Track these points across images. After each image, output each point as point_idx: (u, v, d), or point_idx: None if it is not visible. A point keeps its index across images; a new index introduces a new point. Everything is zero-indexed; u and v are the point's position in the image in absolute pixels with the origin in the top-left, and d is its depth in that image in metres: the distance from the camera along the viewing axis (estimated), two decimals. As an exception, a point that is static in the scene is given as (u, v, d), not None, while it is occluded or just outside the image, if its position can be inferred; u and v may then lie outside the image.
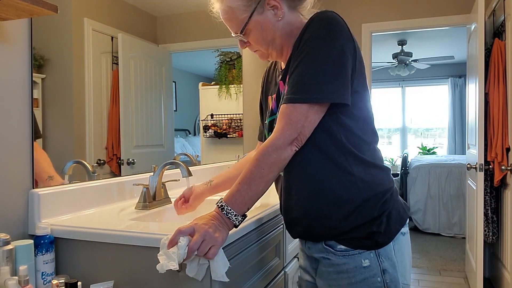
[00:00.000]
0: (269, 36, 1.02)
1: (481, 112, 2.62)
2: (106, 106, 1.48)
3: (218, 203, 0.95)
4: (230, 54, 2.45)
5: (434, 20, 3.54)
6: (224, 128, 2.37)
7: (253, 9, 0.99)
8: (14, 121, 1.13)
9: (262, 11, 1.00)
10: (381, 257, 0.97)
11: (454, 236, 4.50)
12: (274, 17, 1.01)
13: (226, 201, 0.94)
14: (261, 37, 1.03)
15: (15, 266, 1.00)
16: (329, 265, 1.01)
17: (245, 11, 1.00)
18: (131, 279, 1.04)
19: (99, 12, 1.44)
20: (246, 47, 1.08)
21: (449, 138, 7.24)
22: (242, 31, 1.02)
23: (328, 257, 1.01)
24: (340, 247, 1.00)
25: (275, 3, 0.99)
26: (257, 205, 1.40)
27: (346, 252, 0.99)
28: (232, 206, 0.94)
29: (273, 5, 0.99)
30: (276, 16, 1.01)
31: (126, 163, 1.58)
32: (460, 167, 4.59)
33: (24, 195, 1.15)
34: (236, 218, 0.94)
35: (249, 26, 1.01)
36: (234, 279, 1.07)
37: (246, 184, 0.94)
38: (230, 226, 0.95)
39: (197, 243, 0.87)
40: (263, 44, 1.04)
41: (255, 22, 1.01)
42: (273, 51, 1.06)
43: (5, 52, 1.10)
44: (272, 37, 1.02)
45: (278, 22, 1.01)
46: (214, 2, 1.05)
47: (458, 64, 7.05)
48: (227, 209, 0.94)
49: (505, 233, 2.71)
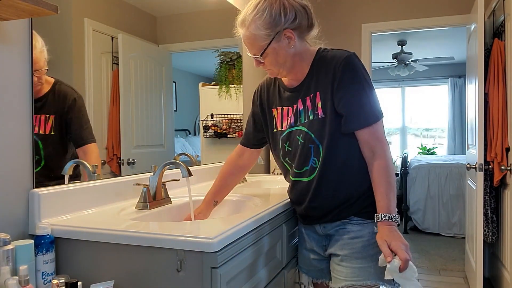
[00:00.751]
0: (281, 60, 1.25)
1: (480, 112, 2.62)
2: (106, 106, 1.48)
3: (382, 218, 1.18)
4: (230, 54, 2.45)
5: (434, 20, 3.54)
6: (224, 128, 2.37)
7: (272, 38, 1.21)
8: (14, 121, 1.13)
9: (279, 40, 1.22)
10: None
11: (454, 236, 4.50)
12: (288, 46, 1.23)
13: (389, 212, 1.18)
14: (275, 60, 1.25)
15: (16, 266, 1.00)
16: (345, 232, 1.28)
17: (266, 39, 1.21)
18: (131, 279, 1.04)
19: (99, 12, 1.44)
20: (260, 66, 1.29)
21: (448, 138, 7.24)
22: (261, 54, 1.24)
23: (345, 227, 1.29)
24: (356, 218, 1.28)
25: (290, 35, 1.22)
26: (258, 204, 1.40)
27: (361, 221, 1.27)
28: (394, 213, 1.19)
29: (288, 36, 1.22)
30: (289, 45, 1.23)
31: (126, 163, 1.59)
32: (460, 167, 4.59)
33: (24, 195, 1.15)
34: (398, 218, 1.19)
35: (267, 51, 1.23)
36: (234, 279, 1.07)
37: (391, 191, 1.20)
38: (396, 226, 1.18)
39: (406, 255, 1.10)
40: (276, 66, 1.27)
41: (272, 48, 1.23)
42: (283, 71, 1.29)
43: (5, 52, 1.10)
44: (284, 61, 1.26)
45: (291, 49, 1.24)
46: (239, 28, 1.26)
47: (458, 64, 7.05)
48: (393, 217, 1.17)
49: (504, 233, 2.72)
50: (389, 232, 1.15)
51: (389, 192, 1.19)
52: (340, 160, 1.26)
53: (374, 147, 1.23)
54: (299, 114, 1.31)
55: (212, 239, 0.96)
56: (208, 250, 0.96)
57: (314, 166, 1.29)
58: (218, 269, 0.98)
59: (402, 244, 1.11)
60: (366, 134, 1.23)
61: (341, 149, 1.26)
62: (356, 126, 1.23)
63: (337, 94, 1.23)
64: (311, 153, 1.28)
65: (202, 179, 2.03)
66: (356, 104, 1.22)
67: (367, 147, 1.24)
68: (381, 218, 1.17)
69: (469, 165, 2.84)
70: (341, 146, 1.26)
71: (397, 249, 1.10)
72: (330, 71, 1.24)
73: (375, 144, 1.23)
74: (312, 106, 1.28)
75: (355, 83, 1.22)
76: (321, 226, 1.34)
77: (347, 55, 1.23)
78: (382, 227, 1.17)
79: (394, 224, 1.17)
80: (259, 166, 2.86)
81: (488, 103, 2.80)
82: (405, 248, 1.10)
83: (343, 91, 1.22)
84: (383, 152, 1.22)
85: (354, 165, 1.26)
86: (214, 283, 0.97)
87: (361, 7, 3.67)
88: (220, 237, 0.98)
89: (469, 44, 3.18)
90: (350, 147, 1.26)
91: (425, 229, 4.64)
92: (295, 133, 1.31)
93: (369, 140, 1.23)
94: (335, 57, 1.24)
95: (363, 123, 1.22)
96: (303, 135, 1.29)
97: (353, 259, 1.25)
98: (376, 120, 1.23)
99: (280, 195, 1.57)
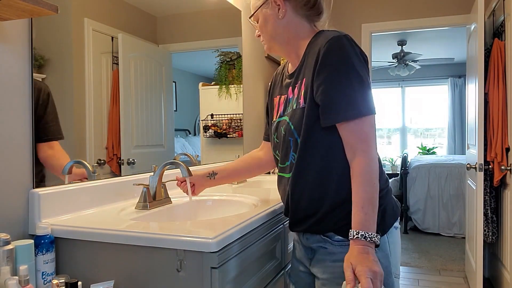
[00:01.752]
0: (270, 29, 1.19)
1: (480, 112, 2.62)
2: (106, 106, 1.48)
3: (354, 236, 0.98)
4: (230, 54, 2.45)
5: (434, 20, 3.54)
6: (224, 128, 2.38)
7: (263, 2, 1.18)
8: (15, 121, 1.13)
9: (268, 6, 1.18)
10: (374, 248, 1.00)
11: (454, 236, 4.51)
12: (277, 14, 1.17)
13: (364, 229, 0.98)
14: (265, 28, 1.20)
15: (15, 266, 1.00)
16: (326, 253, 1.11)
17: (257, 1, 1.19)
18: (131, 279, 1.04)
19: (99, 12, 1.44)
20: (258, 35, 1.25)
21: (448, 138, 7.24)
22: (251, 16, 1.22)
23: (325, 246, 1.12)
24: (337, 237, 1.10)
25: (279, 4, 1.16)
26: (257, 205, 1.40)
27: (343, 242, 1.08)
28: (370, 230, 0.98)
29: (278, 4, 1.16)
30: (278, 14, 1.17)
31: (126, 163, 1.59)
32: (460, 167, 4.59)
33: (24, 195, 1.15)
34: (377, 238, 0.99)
35: (257, 15, 1.20)
36: (234, 279, 1.07)
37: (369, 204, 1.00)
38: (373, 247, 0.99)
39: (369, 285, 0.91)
40: (266, 35, 1.21)
41: (262, 14, 1.19)
42: (275, 45, 1.21)
43: (6, 52, 1.10)
44: (273, 31, 1.19)
45: (280, 20, 1.17)
46: None
47: (458, 64, 7.05)
48: (369, 235, 0.98)
49: (504, 233, 2.72)
50: (358, 253, 0.96)
51: (366, 205, 0.99)
52: (319, 158, 1.09)
53: (354, 147, 1.04)
54: (288, 103, 1.18)
55: (212, 239, 0.96)
56: (208, 250, 0.96)
57: (293, 161, 1.14)
58: (218, 269, 0.98)
59: (369, 271, 0.92)
60: (346, 130, 1.04)
61: (320, 146, 1.09)
62: (332, 120, 1.04)
63: (316, 80, 1.06)
64: (290, 147, 1.15)
65: (202, 179, 2.02)
66: (335, 94, 1.03)
67: (348, 146, 1.05)
68: (353, 235, 0.98)
69: (469, 165, 2.84)
70: (320, 142, 1.09)
71: (360, 276, 0.92)
72: (315, 54, 1.08)
73: (356, 144, 1.03)
74: (297, 94, 1.14)
75: (338, 69, 1.03)
76: (303, 236, 1.19)
77: (335, 35, 1.05)
78: (352, 246, 0.98)
79: (369, 244, 0.97)
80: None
81: (488, 103, 2.81)
82: (371, 276, 0.92)
83: (322, 77, 1.04)
84: (364, 155, 1.02)
85: (335, 168, 1.08)
86: (214, 283, 0.97)
87: (361, 7, 3.67)
88: (220, 237, 0.98)
89: (469, 44, 3.18)
90: (331, 145, 1.08)
91: (425, 229, 4.64)
92: (281, 123, 1.18)
93: (349, 138, 1.04)
94: (323, 39, 1.08)
95: (340, 117, 1.03)
96: (285, 126, 1.16)
97: (334, 284, 1.09)
98: (358, 115, 1.02)
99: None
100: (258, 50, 2.96)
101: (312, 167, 1.10)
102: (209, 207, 1.60)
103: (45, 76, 1.23)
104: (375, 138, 1.05)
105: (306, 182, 1.11)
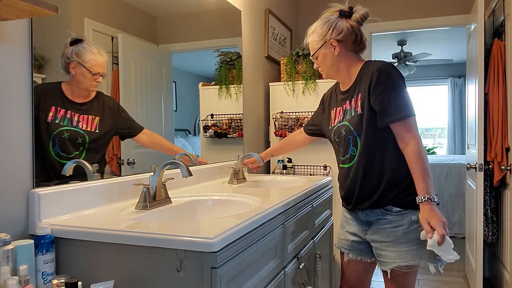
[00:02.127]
0: (328, 62, 1.60)
1: (480, 112, 2.62)
2: (106, 106, 1.48)
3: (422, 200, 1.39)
4: (230, 54, 2.45)
5: (434, 20, 3.54)
6: (224, 128, 2.38)
7: (322, 45, 1.58)
8: (15, 121, 1.13)
9: (327, 47, 1.57)
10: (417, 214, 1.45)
11: (454, 236, 4.51)
12: (333, 52, 1.57)
13: (427, 193, 1.39)
14: (323, 63, 1.61)
15: (16, 266, 1.00)
16: (386, 222, 1.51)
17: (318, 44, 1.59)
18: (131, 279, 1.04)
19: (99, 12, 1.44)
20: (317, 67, 1.66)
21: (448, 138, 7.24)
22: (312, 55, 1.63)
23: (385, 217, 1.51)
24: (396, 209, 1.49)
25: (335, 45, 1.56)
26: (258, 205, 1.40)
27: (400, 212, 1.49)
28: (432, 194, 1.39)
29: (334, 45, 1.56)
30: (334, 52, 1.56)
31: (126, 163, 1.59)
32: (460, 167, 4.59)
33: (24, 195, 1.15)
34: (437, 198, 1.40)
35: (317, 54, 1.61)
36: (234, 279, 1.07)
37: (426, 175, 1.41)
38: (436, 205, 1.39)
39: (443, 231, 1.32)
40: (324, 68, 1.63)
41: (322, 53, 1.59)
42: (331, 73, 1.63)
43: (6, 52, 1.10)
44: (331, 64, 1.59)
45: (336, 56, 1.57)
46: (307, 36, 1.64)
47: (458, 64, 7.05)
48: (432, 197, 1.38)
49: (504, 233, 2.72)
50: (429, 211, 1.36)
51: (425, 176, 1.40)
52: (376, 150, 1.50)
53: (406, 138, 1.45)
54: (346, 112, 1.59)
55: (212, 239, 0.96)
56: (208, 250, 0.96)
57: (353, 154, 1.55)
58: (218, 269, 0.98)
59: (440, 222, 1.32)
60: (399, 127, 1.46)
61: (377, 141, 1.50)
62: (389, 120, 1.46)
63: (372, 94, 1.47)
64: (350, 143, 1.56)
65: (202, 179, 2.03)
66: (388, 102, 1.45)
67: (401, 139, 1.47)
68: (421, 199, 1.39)
69: (469, 165, 2.84)
70: (377, 138, 1.50)
71: (435, 226, 1.32)
72: (369, 77, 1.49)
73: (407, 136, 1.45)
74: (354, 105, 1.54)
75: (387, 85, 1.46)
76: (363, 213, 1.57)
77: (383, 64, 1.50)
78: (422, 207, 1.39)
79: (434, 204, 1.37)
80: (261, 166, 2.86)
81: (488, 103, 2.80)
82: (442, 225, 1.32)
83: (377, 92, 1.46)
84: (415, 142, 1.43)
85: (389, 157, 1.49)
86: (214, 283, 0.97)
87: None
88: (220, 237, 0.98)
89: (469, 44, 3.18)
90: (385, 140, 1.49)
91: (425, 229, 4.64)
92: (341, 127, 1.59)
93: (402, 132, 1.46)
94: (374, 66, 1.50)
95: (394, 117, 1.45)
96: (345, 128, 1.56)
97: (397, 244, 1.48)
98: (406, 115, 1.45)
99: (280, 195, 1.57)
100: (258, 50, 2.96)
101: (371, 157, 1.50)
102: (209, 207, 1.60)
103: (45, 76, 1.23)
104: (418, 132, 1.48)
105: (367, 168, 1.51)
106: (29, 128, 1.17)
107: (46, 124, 1.24)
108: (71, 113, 1.34)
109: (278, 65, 3.34)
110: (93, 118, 1.43)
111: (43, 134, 1.24)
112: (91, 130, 1.42)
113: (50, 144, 1.27)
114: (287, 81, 3.01)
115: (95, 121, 1.43)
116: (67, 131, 1.33)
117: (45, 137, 1.25)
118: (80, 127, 1.37)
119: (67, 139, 1.32)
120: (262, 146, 3.03)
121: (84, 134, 1.39)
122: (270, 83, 3.09)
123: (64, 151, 1.31)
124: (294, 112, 2.96)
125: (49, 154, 1.26)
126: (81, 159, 1.37)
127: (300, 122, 2.90)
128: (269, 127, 3.11)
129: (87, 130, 1.40)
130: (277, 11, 3.34)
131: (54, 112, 1.28)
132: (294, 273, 1.55)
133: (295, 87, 2.99)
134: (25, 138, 1.16)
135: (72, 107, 1.35)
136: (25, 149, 1.16)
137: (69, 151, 1.33)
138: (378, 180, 1.50)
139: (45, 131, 1.24)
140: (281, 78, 3.07)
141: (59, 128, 1.29)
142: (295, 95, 2.99)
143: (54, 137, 1.27)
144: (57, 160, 1.28)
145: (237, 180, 2.08)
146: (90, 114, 1.41)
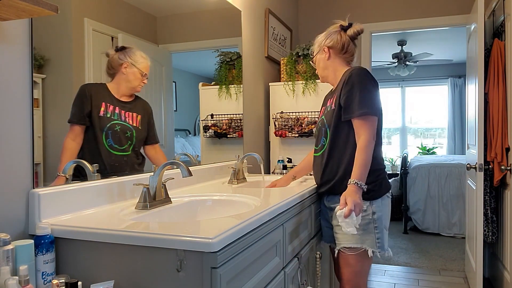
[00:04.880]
0: (322, 66, 1.86)
1: (480, 112, 2.62)
2: (106, 106, 1.48)
3: (350, 182, 1.57)
4: (230, 54, 2.45)
5: (434, 20, 3.54)
6: (224, 128, 2.37)
7: (318, 51, 1.86)
8: (15, 121, 1.13)
9: (322, 53, 1.84)
10: (372, 205, 1.66)
11: (454, 236, 4.51)
12: (325, 57, 1.83)
13: (357, 179, 1.57)
14: (319, 67, 1.88)
15: (16, 266, 1.00)
16: None
17: (316, 50, 1.87)
18: (131, 279, 1.04)
19: (99, 12, 1.44)
20: (316, 72, 1.91)
21: (448, 138, 7.24)
22: (311, 60, 1.92)
23: None
24: None
25: (326, 51, 1.82)
26: (257, 205, 1.40)
27: None
28: (361, 180, 1.57)
29: (325, 51, 1.82)
30: (325, 57, 1.83)
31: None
32: (460, 167, 4.59)
33: (24, 195, 1.15)
34: (365, 187, 1.58)
35: (315, 59, 1.89)
36: (234, 279, 1.07)
37: (363, 166, 1.59)
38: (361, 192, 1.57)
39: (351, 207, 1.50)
40: (319, 71, 1.89)
41: (318, 58, 1.87)
42: (324, 76, 1.88)
43: (6, 52, 1.10)
44: (323, 68, 1.85)
45: (327, 61, 1.83)
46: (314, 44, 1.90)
47: (457, 64, 7.05)
48: (359, 183, 1.56)
49: (504, 233, 2.72)
50: (351, 191, 1.55)
51: (362, 166, 1.59)
52: (339, 142, 1.71)
53: (360, 133, 1.63)
54: (326, 109, 1.83)
55: (212, 239, 0.96)
56: (208, 250, 0.96)
57: (323, 144, 1.78)
58: (218, 269, 0.98)
59: (354, 201, 1.51)
60: (357, 123, 1.65)
61: (341, 134, 1.70)
62: (349, 116, 1.66)
63: (342, 92, 1.68)
64: (322, 134, 1.79)
65: (202, 179, 2.03)
66: (352, 100, 1.64)
67: (357, 134, 1.65)
68: (351, 182, 1.58)
69: (469, 165, 2.84)
70: (341, 131, 1.70)
71: (348, 202, 1.51)
72: (344, 79, 1.71)
73: (361, 131, 1.63)
74: (331, 103, 1.78)
75: (354, 85, 1.65)
76: (326, 199, 1.82)
77: (358, 67, 1.71)
78: (349, 187, 1.57)
79: (358, 188, 1.56)
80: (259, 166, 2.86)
81: (488, 103, 2.80)
82: (354, 203, 1.51)
83: (345, 90, 1.67)
84: (365, 138, 1.61)
85: (349, 149, 1.68)
86: (214, 283, 0.97)
87: (361, 7, 3.67)
88: (220, 237, 0.98)
89: (469, 44, 3.18)
90: (347, 134, 1.69)
91: (425, 229, 4.64)
92: (320, 121, 1.85)
93: (358, 128, 1.65)
94: (351, 69, 1.72)
95: (354, 114, 1.64)
96: (321, 122, 1.83)
97: None
98: (365, 113, 1.62)
99: (280, 195, 1.57)
100: (258, 50, 2.96)
101: (334, 147, 1.72)
102: (209, 207, 1.60)
103: (45, 76, 1.23)
104: (374, 131, 1.64)
105: (330, 157, 1.73)
106: (29, 128, 1.17)
107: (98, 118, 1.37)
108: (119, 109, 1.48)
109: (278, 65, 3.34)
110: (136, 115, 1.57)
111: (96, 128, 1.36)
112: (136, 126, 1.56)
113: (104, 136, 1.39)
114: (287, 81, 3.01)
115: (138, 118, 1.58)
116: (118, 124, 1.47)
117: (98, 130, 1.37)
118: (128, 122, 1.52)
119: (119, 131, 1.47)
120: (262, 146, 3.03)
121: (132, 128, 1.54)
122: (270, 83, 3.09)
123: (116, 143, 1.44)
124: (294, 112, 2.96)
125: (102, 146, 1.38)
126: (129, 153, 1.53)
127: (300, 122, 2.90)
128: (269, 127, 3.11)
129: (133, 125, 1.55)
130: (277, 11, 3.34)
131: (105, 107, 1.40)
132: (294, 273, 1.55)
133: (295, 87, 2.99)
134: (25, 138, 1.16)
135: (119, 104, 1.49)
136: (25, 149, 1.16)
137: (121, 143, 1.46)
138: (336, 168, 1.71)
139: (98, 125, 1.36)
140: (281, 78, 3.08)
141: (111, 122, 1.43)
142: (295, 95, 2.99)
143: (107, 129, 1.40)
144: (110, 151, 1.41)
145: (237, 180, 2.08)
146: (133, 111, 1.55)
